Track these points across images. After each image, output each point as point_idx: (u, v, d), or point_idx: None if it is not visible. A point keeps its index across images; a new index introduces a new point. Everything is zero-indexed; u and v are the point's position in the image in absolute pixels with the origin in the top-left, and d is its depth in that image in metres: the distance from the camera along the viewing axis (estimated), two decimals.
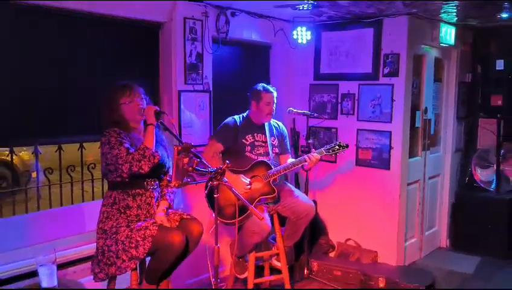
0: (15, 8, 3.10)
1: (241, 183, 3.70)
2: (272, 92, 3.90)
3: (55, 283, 2.68)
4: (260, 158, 3.84)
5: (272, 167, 3.81)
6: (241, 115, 3.99)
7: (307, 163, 3.80)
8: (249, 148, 3.87)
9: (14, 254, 3.11)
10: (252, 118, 3.95)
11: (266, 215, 3.71)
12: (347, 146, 3.92)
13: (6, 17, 3.09)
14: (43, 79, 3.32)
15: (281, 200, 3.85)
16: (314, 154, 3.83)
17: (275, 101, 3.92)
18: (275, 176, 3.77)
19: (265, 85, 3.96)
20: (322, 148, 3.90)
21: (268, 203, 3.82)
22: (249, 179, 3.75)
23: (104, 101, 3.06)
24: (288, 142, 4.15)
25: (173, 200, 3.28)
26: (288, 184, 4.16)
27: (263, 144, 3.92)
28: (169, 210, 3.19)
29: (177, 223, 3.10)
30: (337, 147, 3.88)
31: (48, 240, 3.27)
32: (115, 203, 2.97)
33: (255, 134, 3.91)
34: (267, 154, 3.89)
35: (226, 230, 4.18)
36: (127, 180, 2.94)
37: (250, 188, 3.71)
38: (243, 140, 3.86)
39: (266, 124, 3.98)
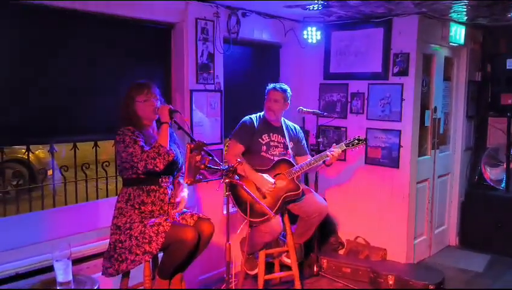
0: (35, 8, 3.16)
1: (266, 182, 3.73)
2: (277, 90, 3.91)
3: (70, 278, 2.73)
4: (277, 158, 3.86)
5: (294, 164, 3.84)
6: (258, 114, 4.01)
7: (329, 158, 3.82)
8: (264, 147, 3.89)
9: (31, 249, 3.17)
10: (267, 117, 3.97)
11: (278, 216, 3.75)
12: (365, 140, 3.98)
13: (24, 18, 3.15)
14: (59, 79, 3.37)
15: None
16: (336, 149, 3.86)
17: (280, 100, 3.90)
18: (299, 173, 3.81)
19: (277, 84, 3.99)
20: (342, 143, 3.95)
21: (293, 201, 3.84)
22: (273, 180, 3.77)
23: (121, 97, 3.12)
24: (305, 144, 4.17)
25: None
26: (303, 184, 4.20)
27: (279, 145, 3.93)
28: (187, 212, 3.25)
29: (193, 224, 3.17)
30: (356, 141, 3.92)
31: (63, 236, 3.33)
32: (130, 199, 3.03)
33: (271, 134, 3.93)
34: (283, 155, 3.91)
35: (237, 227, 4.22)
36: (142, 176, 3.00)
37: (274, 187, 3.75)
38: (259, 139, 3.88)
39: (284, 125, 4.00)
